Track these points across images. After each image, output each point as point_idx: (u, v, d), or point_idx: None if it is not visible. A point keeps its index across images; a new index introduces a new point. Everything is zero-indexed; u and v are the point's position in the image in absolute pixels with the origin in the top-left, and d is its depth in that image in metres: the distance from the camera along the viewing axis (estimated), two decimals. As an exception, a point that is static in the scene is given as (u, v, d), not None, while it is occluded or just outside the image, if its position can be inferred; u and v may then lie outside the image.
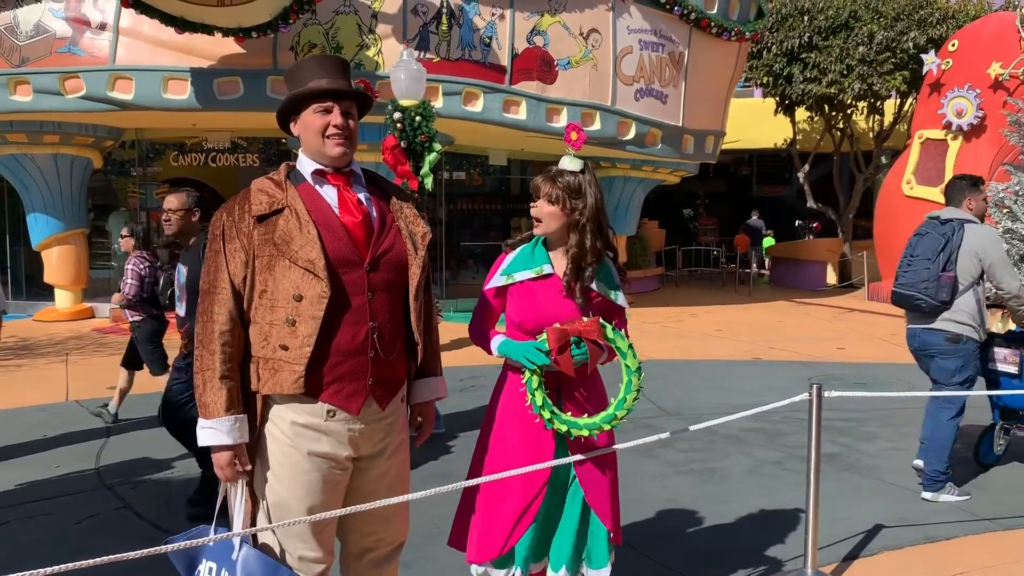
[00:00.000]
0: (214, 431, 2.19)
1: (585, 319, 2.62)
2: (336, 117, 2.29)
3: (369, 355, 2.28)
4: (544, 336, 2.57)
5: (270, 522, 2.27)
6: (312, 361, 2.20)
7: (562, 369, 2.58)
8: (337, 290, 2.21)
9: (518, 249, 2.82)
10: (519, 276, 2.73)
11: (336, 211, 2.30)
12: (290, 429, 2.25)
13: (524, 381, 2.62)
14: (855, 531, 4.16)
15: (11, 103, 11.49)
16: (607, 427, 2.64)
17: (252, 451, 2.27)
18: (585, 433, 2.62)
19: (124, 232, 6.67)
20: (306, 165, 2.35)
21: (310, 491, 2.27)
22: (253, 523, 2.29)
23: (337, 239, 2.25)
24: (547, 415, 2.59)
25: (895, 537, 4.12)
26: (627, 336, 2.70)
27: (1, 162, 12.86)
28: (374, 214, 2.36)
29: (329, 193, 2.32)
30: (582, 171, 2.73)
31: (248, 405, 2.26)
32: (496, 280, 2.77)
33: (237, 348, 2.24)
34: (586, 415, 2.66)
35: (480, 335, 2.81)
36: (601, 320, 2.62)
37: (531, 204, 2.75)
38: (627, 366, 2.66)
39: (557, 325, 2.57)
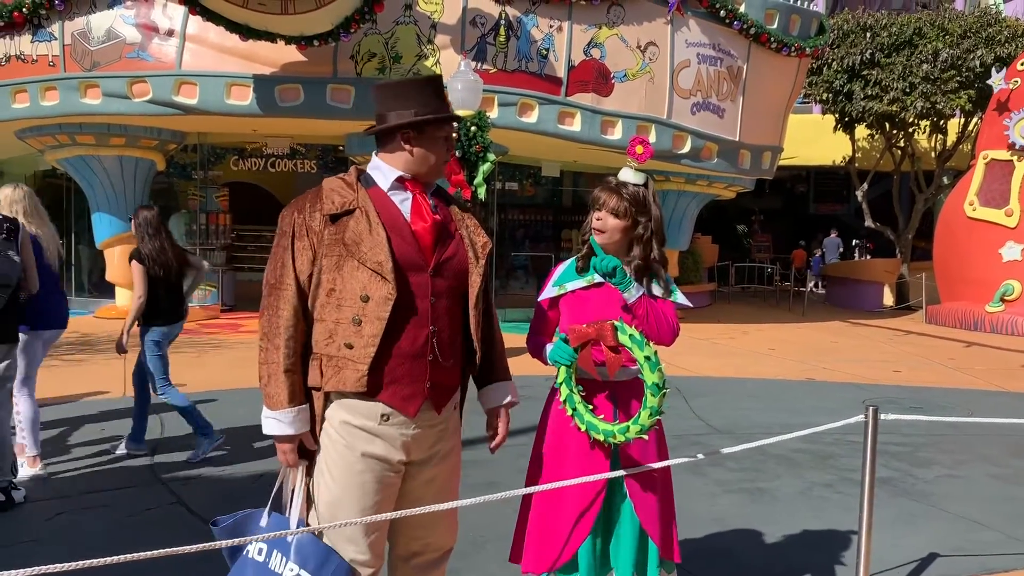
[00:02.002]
0: (278, 421, 2.26)
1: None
2: (453, 145, 2.43)
3: (428, 359, 2.32)
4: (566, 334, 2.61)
5: (320, 521, 2.31)
6: (375, 361, 2.24)
7: (583, 367, 2.60)
8: (402, 292, 2.25)
9: (570, 259, 2.84)
10: (571, 286, 2.76)
11: (406, 216, 2.34)
12: (344, 429, 2.29)
13: (556, 373, 2.64)
14: (909, 559, 4.06)
15: (81, 105, 11.86)
16: (621, 438, 2.59)
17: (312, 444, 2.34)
18: (601, 438, 2.61)
19: None
20: (387, 172, 2.38)
21: (364, 492, 2.29)
22: (308, 522, 2.34)
23: (405, 243, 2.29)
24: (570, 411, 2.60)
25: (951, 566, 4.00)
26: (649, 341, 2.57)
27: (69, 163, 13.28)
28: (442, 221, 2.42)
29: (402, 198, 2.37)
30: (644, 184, 2.74)
31: (309, 401, 2.32)
32: (549, 291, 2.80)
33: (300, 342, 2.30)
34: (616, 421, 2.65)
35: (536, 347, 2.82)
36: (616, 323, 2.55)
37: (595, 215, 2.74)
38: (645, 381, 2.56)
39: (583, 326, 2.58)
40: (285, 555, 2.24)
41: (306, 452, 2.33)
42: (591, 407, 2.65)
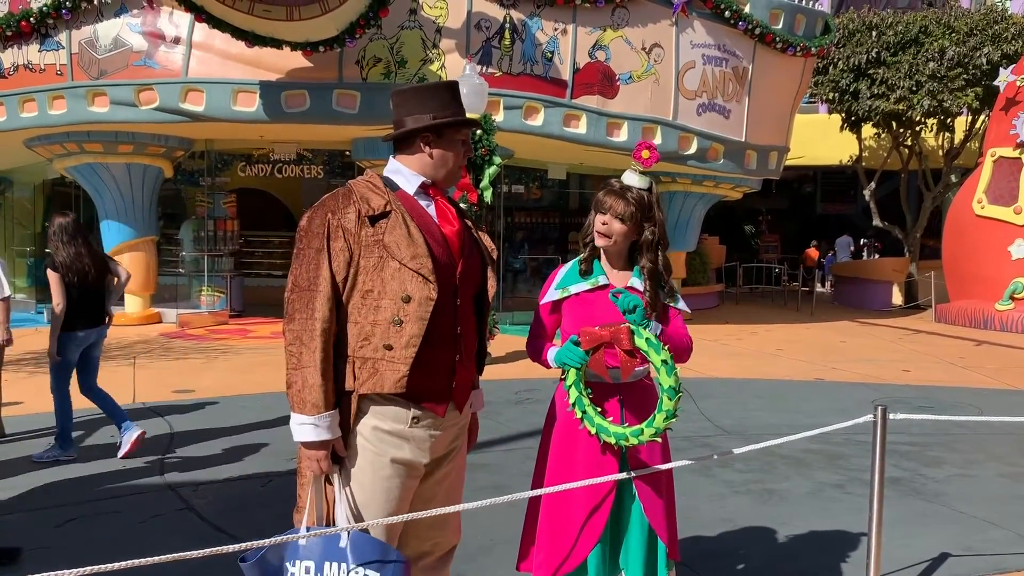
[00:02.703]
0: (315, 427, 2.21)
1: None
2: (471, 149, 2.51)
3: (455, 359, 2.36)
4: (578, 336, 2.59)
5: (349, 524, 2.30)
6: (415, 361, 2.25)
7: (594, 370, 2.59)
8: (440, 294, 2.28)
9: (570, 263, 2.84)
10: (574, 289, 2.74)
11: (436, 220, 2.39)
12: (374, 435, 2.29)
13: (563, 375, 2.63)
14: (919, 559, 4.04)
15: (89, 114, 11.92)
16: (634, 440, 2.58)
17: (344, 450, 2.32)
18: (612, 441, 2.59)
19: None
20: (409, 176, 2.41)
21: (389, 497, 2.31)
22: (331, 522, 2.33)
23: (439, 245, 2.34)
24: (579, 413, 2.59)
25: (962, 566, 3.98)
26: (666, 346, 2.59)
27: (78, 170, 13.34)
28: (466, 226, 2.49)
29: (427, 203, 2.42)
30: (649, 188, 2.74)
31: (339, 405, 2.29)
32: (551, 294, 2.79)
33: (332, 345, 2.27)
34: (625, 424, 2.64)
35: (536, 350, 2.81)
36: (633, 327, 2.56)
37: (600, 219, 2.72)
38: (659, 383, 2.57)
39: (597, 328, 2.57)
40: (341, 560, 2.19)
41: (336, 458, 2.30)
42: (600, 410, 2.65)
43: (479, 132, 9.20)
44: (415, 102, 2.40)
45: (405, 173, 2.41)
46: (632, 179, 2.74)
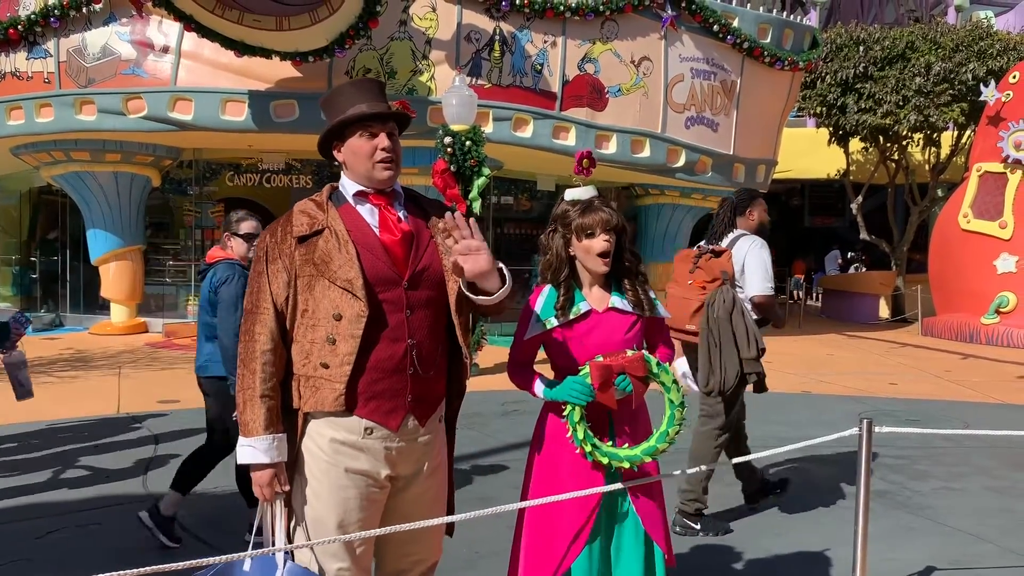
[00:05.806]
0: (252, 449, 2.22)
1: (629, 352, 2.58)
2: (383, 140, 2.31)
3: (408, 372, 2.30)
4: (586, 370, 2.53)
5: (307, 539, 2.28)
6: (351, 379, 2.22)
7: (605, 403, 2.54)
8: (375, 308, 2.24)
9: (547, 289, 2.72)
10: (555, 321, 2.64)
11: (376, 230, 2.33)
12: (328, 446, 2.27)
13: (565, 415, 2.57)
14: (905, 572, 4.04)
15: (76, 122, 11.87)
16: (647, 459, 2.60)
17: (291, 468, 2.29)
18: (626, 465, 2.58)
19: None
20: (349, 187, 2.38)
21: (346, 508, 2.27)
22: (291, 540, 2.30)
23: (376, 258, 2.28)
24: (588, 448, 2.56)
25: (947, 580, 3.99)
26: (671, 366, 2.66)
27: (65, 179, 13.27)
28: (413, 232, 2.38)
29: (370, 213, 2.35)
30: (599, 195, 2.75)
31: (289, 423, 2.29)
32: (533, 329, 2.67)
33: (278, 367, 2.27)
34: (626, 446, 2.63)
35: (523, 380, 2.73)
36: (646, 354, 2.58)
37: (601, 240, 2.60)
38: (670, 400, 2.61)
39: (600, 359, 2.53)
40: None
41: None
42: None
43: (468, 143, 9.19)
44: (328, 117, 2.38)
45: (346, 185, 2.40)
46: (583, 193, 2.71)
